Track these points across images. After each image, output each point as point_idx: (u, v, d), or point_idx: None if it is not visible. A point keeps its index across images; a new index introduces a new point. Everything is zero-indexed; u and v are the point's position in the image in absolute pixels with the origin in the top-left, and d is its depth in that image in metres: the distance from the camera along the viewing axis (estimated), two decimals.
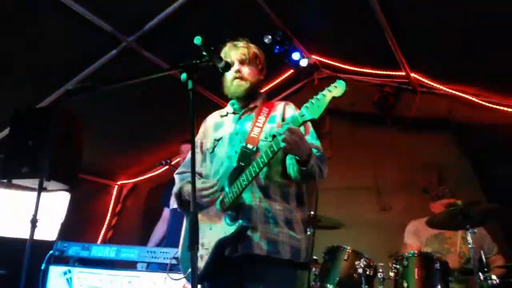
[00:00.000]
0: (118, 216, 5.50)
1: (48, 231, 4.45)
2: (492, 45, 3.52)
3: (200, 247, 2.07)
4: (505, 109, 4.17)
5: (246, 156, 2.08)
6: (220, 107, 2.47)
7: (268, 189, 2.06)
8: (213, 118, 2.44)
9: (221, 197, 2.06)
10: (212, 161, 2.24)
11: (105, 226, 5.40)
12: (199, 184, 2.03)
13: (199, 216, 2.12)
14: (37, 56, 3.54)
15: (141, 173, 5.59)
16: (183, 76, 1.75)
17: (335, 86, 1.79)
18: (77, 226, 4.87)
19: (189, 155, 2.47)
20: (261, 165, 1.92)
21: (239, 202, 2.01)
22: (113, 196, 5.53)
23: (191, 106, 1.72)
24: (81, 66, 3.79)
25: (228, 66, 2.03)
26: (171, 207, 4.25)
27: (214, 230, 2.03)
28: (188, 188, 2.18)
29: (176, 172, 2.41)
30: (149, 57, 3.93)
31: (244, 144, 2.11)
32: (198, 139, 2.40)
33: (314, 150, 2.01)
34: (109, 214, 5.46)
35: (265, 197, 2.04)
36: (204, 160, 2.33)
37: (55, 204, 4.62)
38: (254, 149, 2.09)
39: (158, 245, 4.29)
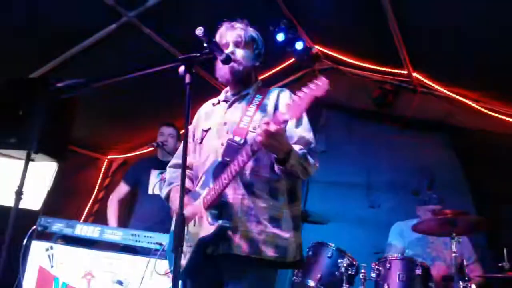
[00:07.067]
0: (106, 190, 5.44)
1: (32, 200, 4.38)
2: (498, 51, 3.46)
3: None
4: (503, 117, 4.09)
5: (232, 150, 1.97)
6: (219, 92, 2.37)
7: (253, 185, 1.97)
8: (205, 107, 2.36)
9: (204, 193, 2.00)
10: (200, 153, 2.18)
11: (91, 199, 5.36)
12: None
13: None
14: (32, 27, 3.42)
15: (133, 149, 5.52)
16: (181, 69, 1.69)
17: (317, 83, 1.64)
18: (63, 196, 4.81)
19: (181, 146, 2.43)
20: (241, 164, 1.83)
21: (221, 200, 1.93)
22: (102, 170, 5.48)
23: (187, 101, 1.67)
24: (78, 39, 3.67)
25: (229, 58, 1.98)
26: (150, 192, 4.00)
27: (197, 227, 1.98)
28: (176, 197, 2.11)
29: (169, 165, 2.36)
30: (149, 34, 3.83)
31: (231, 137, 2.02)
32: (191, 127, 2.31)
33: (297, 148, 1.92)
34: (96, 188, 5.42)
35: (249, 194, 1.96)
36: (195, 150, 2.27)
37: (41, 173, 4.52)
38: (242, 141, 1.98)
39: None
